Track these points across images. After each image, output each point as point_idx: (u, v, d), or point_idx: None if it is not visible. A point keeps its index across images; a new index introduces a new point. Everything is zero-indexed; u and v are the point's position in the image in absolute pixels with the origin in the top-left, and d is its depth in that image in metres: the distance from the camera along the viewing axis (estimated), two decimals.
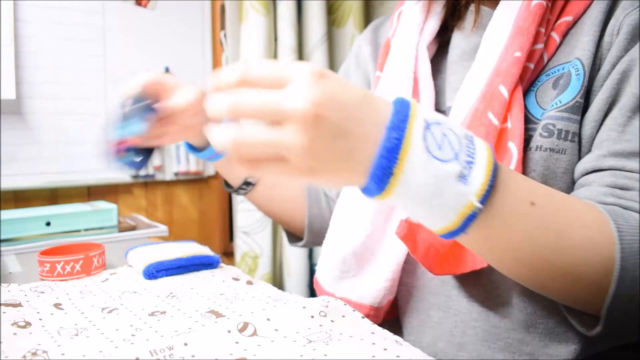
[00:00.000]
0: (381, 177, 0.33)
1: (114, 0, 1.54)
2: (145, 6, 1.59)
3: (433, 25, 0.58)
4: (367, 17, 1.58)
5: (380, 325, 0.45)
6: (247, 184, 0.69)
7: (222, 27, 1.61)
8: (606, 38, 0.46)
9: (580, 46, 0.47)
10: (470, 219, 0.35)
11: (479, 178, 0.34)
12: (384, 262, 0.54)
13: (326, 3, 1.49)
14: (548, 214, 0.38)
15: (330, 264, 0.58)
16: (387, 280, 0.54)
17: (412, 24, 0.59)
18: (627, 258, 0.37)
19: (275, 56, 1.45)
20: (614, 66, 0.45)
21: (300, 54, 1.49)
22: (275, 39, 1.45)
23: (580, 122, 0.47)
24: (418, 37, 0.58)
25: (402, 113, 0.33)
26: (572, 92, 0.46)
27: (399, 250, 0.54)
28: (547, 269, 0.39)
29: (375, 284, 0.55)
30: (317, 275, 0.60)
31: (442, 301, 0.53)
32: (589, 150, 0.47)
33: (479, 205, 0.34)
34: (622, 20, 0.45)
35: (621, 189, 0.43)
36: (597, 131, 0.46)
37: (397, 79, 0.57)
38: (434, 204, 0.34)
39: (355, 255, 0.55)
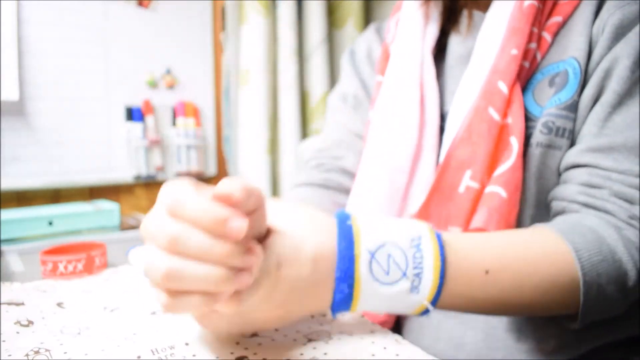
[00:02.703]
0: (339, 310, 0.38)
1: (116, 0, 1.54)
2: (146, 7, 1.59)
3: (433, 30, 0.59)
4: (367, 18, 1.58)
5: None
6: None
7: (223, 28, 1.62)
8: (593, 37, 0.48)
9: (574, 46, 0.48)
10: (426, 312, 0.39)
11: (427, 284, 0.37)
12: None
13: (326, 4, 1.50)
14: (503, 275, 0.40)
15: None
16: None
17: (413, 29, 0.59)
18: (587, 274, 0.40)
19: (275, 57, 1.46)
20: (598, 64, 0.47)
21: (301, 55, 1.49)
22: (276, 40, 1.45)
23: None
24: (421, 42, 0.58)
25: (346, 258, 0.35)
26: (570, 91, 0.47)
27: None
28: (515, 312, 0.43)
29: None
30: None
31: None
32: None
33: (430, 307, 0.38)
34: (606, 20, 0.47)
35: (593, 187, 0.45)
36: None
37: (404, 85, 0.58)
38: (391, 310, 0.39)
39: None
